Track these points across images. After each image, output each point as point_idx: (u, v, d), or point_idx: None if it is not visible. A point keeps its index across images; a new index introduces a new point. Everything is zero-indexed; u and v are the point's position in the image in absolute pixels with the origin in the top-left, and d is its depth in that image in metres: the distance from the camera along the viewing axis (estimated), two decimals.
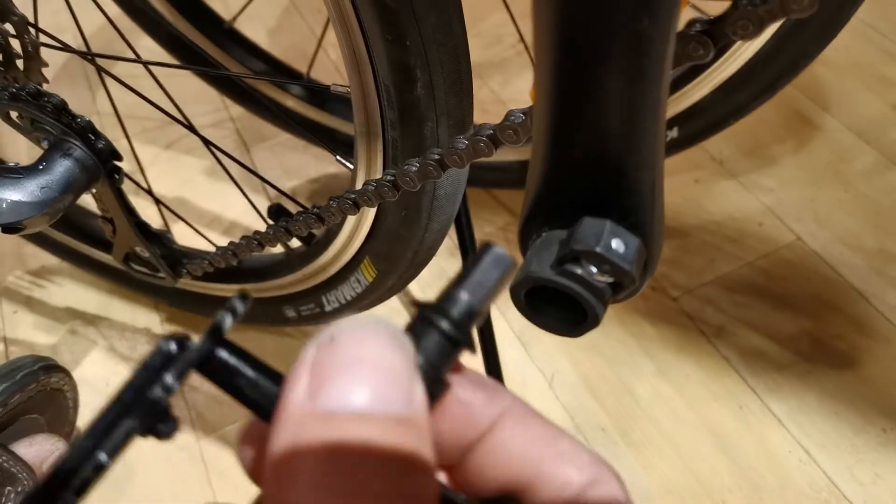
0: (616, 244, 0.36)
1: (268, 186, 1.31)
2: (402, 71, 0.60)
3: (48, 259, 1.25)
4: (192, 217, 1.33)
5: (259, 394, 0.25)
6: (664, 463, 1.00)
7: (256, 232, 0.79)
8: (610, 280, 0.35)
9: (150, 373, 0.24)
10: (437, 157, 0.58)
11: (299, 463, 0.20)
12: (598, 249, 0.35)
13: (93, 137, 0.76)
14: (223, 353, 0.25)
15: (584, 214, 0.37)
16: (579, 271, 0.35)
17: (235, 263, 0.95)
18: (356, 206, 0.67)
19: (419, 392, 0.22)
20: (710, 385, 1.06)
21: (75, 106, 0.75)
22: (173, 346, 0.24)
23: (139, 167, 0.98)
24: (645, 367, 1.09)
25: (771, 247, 1.22)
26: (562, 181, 0.38)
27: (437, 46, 0.59)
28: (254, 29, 1.69)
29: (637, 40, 0.31)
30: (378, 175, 0.70)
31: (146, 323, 1.20)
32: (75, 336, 1.19)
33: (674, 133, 1.05)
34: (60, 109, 0.73)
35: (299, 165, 1.42)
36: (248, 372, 0.26)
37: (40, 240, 1.15)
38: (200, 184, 1.40)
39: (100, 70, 0.86)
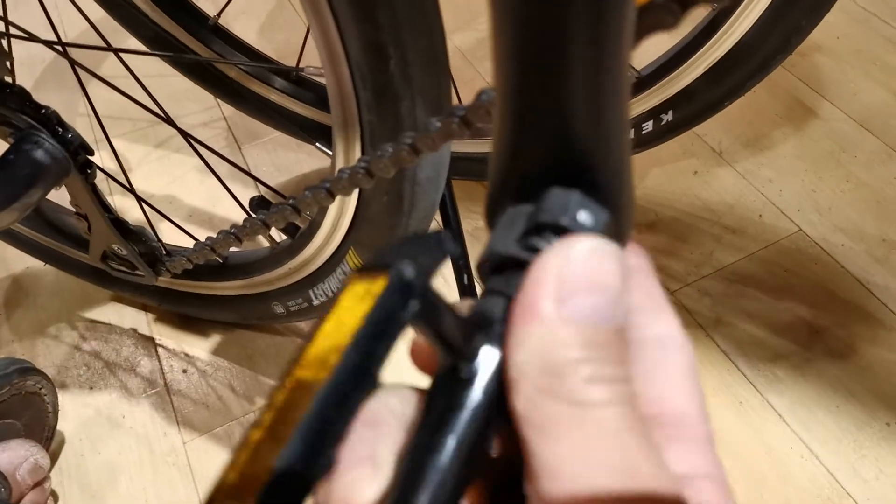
0: (584, 216, 0.33)
1: (259, 184, 1.29)
2: (373, 48, 0.57)
3: (32, 261, 1.22)
4: (181, 215, 1.31)
5: (456, 333, 0.26)
6: None
7: (233, 225, 0.76)
8: None
9: (391, 304, 0.24)
10: (409, 141, 0.55)
11: (555, 360, 0.23)
12: (564, 221, 0.32)
13: (60, 129, 0.73)
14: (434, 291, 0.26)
15: (551, 187, 0.34)
16: (545, 245, 0.32)
17: (218, 260, 0.93)
18: (331, 195, 0.64)
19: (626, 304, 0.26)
20: (709, 379, 1.03)
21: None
22: (410, 272, 0.25)
23: (118, 163, 0.95)
24: None
25: (771, 238, 1.19)
26: (525, 153, 0.35)
27: (409, 23, 0.57)
28: (246, 25, 1.67)
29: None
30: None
31: (132, 324, 1.17)
32: (59, 339, 1.17)
33: (669, 116, 1.02)
34: (23, 100, 0.70)
35: (291, 163, 1.40)
36: (449, 309, 0.26)
37: (21, 242, 1.12)
38: (190, 182, 1.37)
39: (72, 63, 0.83)
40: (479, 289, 1.05)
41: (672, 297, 1.12)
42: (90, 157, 0.78)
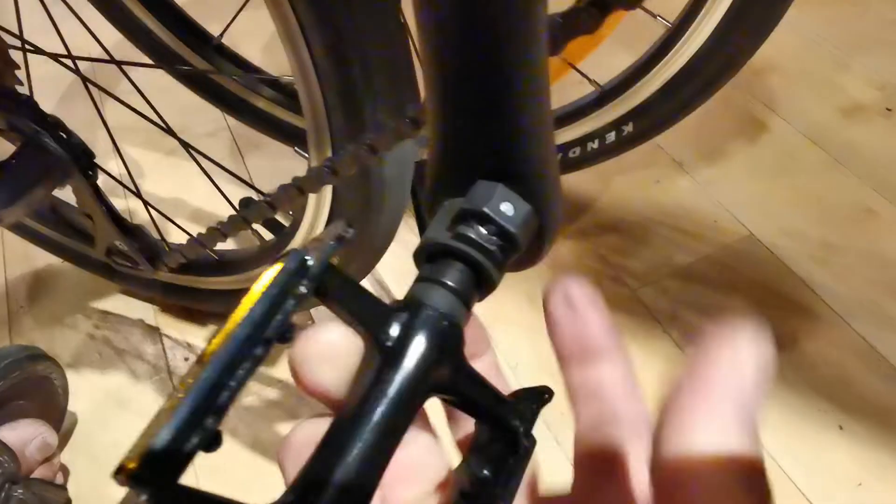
0: (505, 207, 0.33)
1: (241, 183, 1.29)
2: (336, 55, 0.57)
3: (52, 258, 1.22)
4: (186, 217, 1.31)
5: (369, 312, 0.26)
6: None
7: (219, 222, 0.77)
8: (500, 243, 0.32)
9: (284, 282, 0.24)
10: (367, 141, 0.55)
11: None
12: (485, 209, 0.32)
13: (64, 135, 0.74)
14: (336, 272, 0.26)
15: (478, 180, 0.34)
16: (471, 233, 0.32)
17: (213, 256, 0.93)
18: (301, 192, 0.64)
19: None
20: (665, 372, 1.02)
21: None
22: (307, 258, 0.25)
23: (126, 169, 0.96)
24: None
25: (724, 241, 1.19)
26: (454, 149, 0.35)
27: (370, 30, 0.57)
28: (250, 44, 1.66)
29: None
30: None
31: (140, 315, 1.18)
32: (75, 328, 1.17)
33: (629, 128, 1.03)
34: (30, 109, 0.71)
35: (292, 171, 1.39)
36: (357, 290, 0.26)
37: (41, 240, 1.13)
38: (196, 187, 1.37)
39: (82, 77, 0.83)
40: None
41: (631, 294, 1.12)
42: (92, 160, 0.78)
